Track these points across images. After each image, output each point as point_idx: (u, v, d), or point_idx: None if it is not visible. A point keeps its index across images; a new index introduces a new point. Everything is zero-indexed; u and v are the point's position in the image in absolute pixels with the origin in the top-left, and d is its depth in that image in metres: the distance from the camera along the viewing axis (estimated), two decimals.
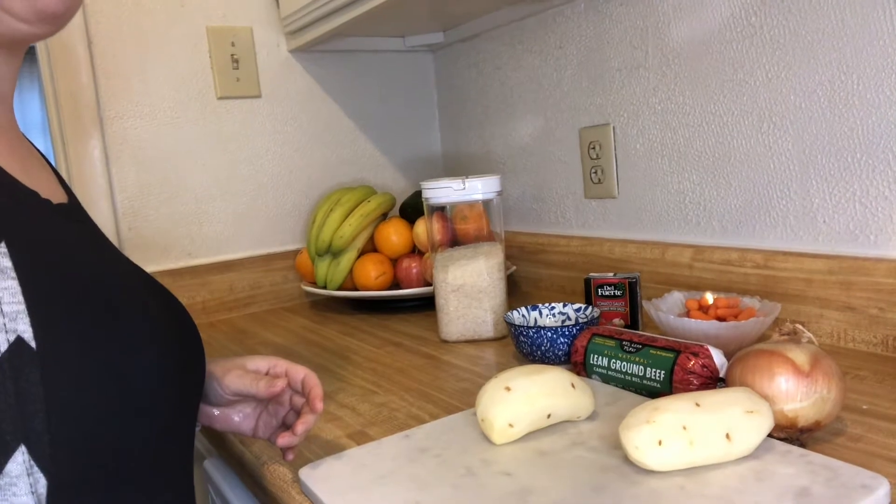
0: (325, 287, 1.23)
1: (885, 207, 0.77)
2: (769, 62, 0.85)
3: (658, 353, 0.67)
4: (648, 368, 0.67)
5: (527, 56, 1.24)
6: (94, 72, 1.16)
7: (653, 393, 0.67)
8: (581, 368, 0.74)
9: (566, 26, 1.14)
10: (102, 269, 0.45)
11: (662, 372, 0.66)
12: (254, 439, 0.68)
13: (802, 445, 0.55)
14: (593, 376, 0.73)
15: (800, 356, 0.55)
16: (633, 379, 0.69)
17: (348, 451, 0.60)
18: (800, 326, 0.59)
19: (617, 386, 0.70)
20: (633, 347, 0.70)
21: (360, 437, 0.66)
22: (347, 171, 1.43)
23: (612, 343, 0.72)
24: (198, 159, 1.27)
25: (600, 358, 0.72)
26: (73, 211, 0.51)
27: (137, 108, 1.21)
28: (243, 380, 0.58)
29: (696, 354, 0.64)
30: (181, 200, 1.26)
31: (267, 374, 0.61)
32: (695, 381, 0.63)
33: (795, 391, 0.54)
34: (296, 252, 1.35)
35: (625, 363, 0.70)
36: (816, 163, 0.82)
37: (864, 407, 0.63)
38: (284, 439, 0.57)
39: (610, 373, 0.71)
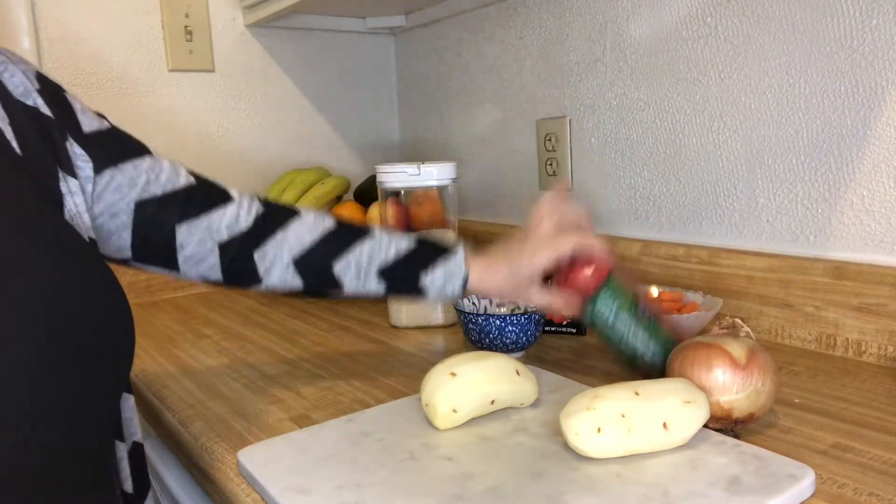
0: None
1: (824, 209, 0.79)
2: (722, 62, 0.87)
3: (666, 334, 0.66)
4: (652, 343, 0.66)
5: (487, 45, 1.24)
6: (37, 36, 1.11)
7: (633, 361, 0.66)
8: (586, 299, 0.67)
9: (527, 17, 1.14)
10: None
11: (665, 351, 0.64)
12: (192, 419, 0.67)
13: (736, 436, 0.56)
14: (597, 311, 0.67)
15: (737, 350, 0.57)
16: (631, 338, 0.66)
17: (289, 433, 0.59)
18: (738, 321, 0.61)
19: (608, 337, 0.67)
20: (646, 317, 0.66)
21: (303, 421, 0.65)
22: (302, 152, 1.41)
23: (628, 296, 0.67)
24: (144, 133, 1.22)
25: (612, 301, 0.67)
26: None
27: (83, 77, 1.16)
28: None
29: None
30: None
31: None
32: None
33: (732, 383, 0.55)
34: None
35: (633, 321, 0.66)
36: (763, 163, 0.85)
37: (796, 401, 0.65)
38: None
39: (614, 319, 0.66)
